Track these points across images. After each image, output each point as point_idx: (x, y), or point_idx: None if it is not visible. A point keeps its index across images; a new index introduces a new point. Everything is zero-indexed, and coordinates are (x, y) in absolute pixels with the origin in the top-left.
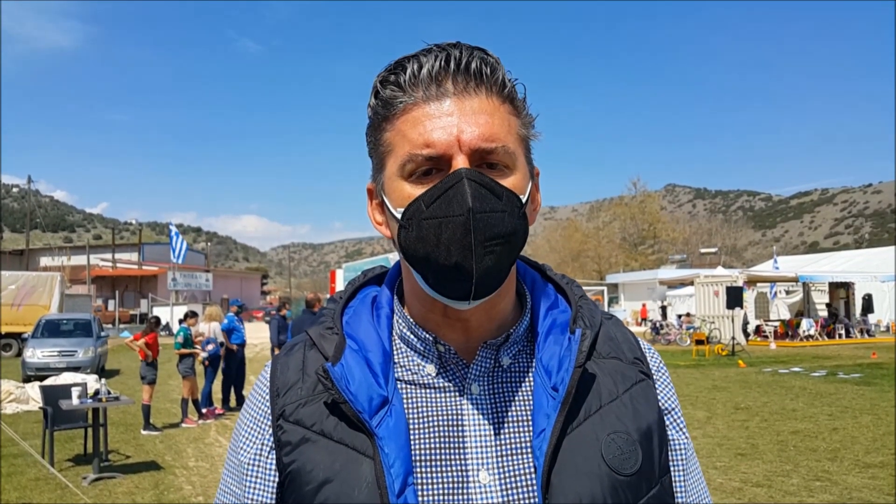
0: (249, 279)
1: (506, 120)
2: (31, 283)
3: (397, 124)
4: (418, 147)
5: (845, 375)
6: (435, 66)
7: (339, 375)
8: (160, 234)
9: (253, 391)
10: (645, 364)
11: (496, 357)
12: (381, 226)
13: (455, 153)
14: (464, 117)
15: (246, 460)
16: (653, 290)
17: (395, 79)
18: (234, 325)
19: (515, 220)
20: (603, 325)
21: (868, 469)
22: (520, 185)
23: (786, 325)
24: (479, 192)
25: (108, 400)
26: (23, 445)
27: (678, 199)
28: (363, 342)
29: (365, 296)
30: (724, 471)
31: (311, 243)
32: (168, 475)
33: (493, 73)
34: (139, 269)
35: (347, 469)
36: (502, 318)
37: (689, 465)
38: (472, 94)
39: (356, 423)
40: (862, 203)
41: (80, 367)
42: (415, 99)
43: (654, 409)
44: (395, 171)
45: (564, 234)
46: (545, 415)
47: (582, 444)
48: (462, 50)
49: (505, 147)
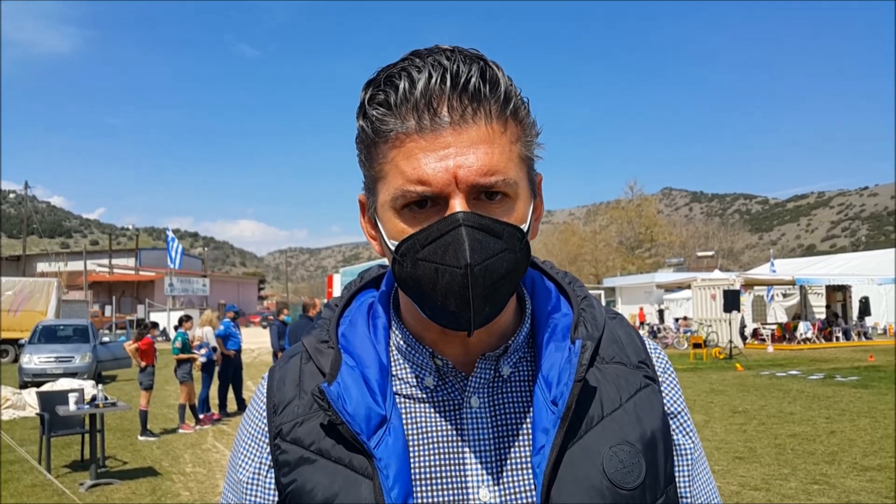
0: (246, 284)
1: (507, 147)
2: (28, 288)
3: (390, 154)
4: (412, 183)
5: (843, 378)
6: (429, 87)
7: (335, 395)
8: (157, 239)
9: (250, 406)
10: (650, 367)
11: (496, 367)
12: (374, 241)
13: (452, 192)
14: (461, 150)
15: (245, 478)
16: (650, 294)
17: (384, 98)
18: (230, 331)
19: (516, 255)
20: (607, 326)
21: (866, 472)
22: (521, 214)
23: (783, 328)
24: (476, 240)
25: (105, 406)
26: (20, 451)
27: (675, 202)
28: (360, 357)
29: (361, 303)
30: (722, 474)
31: (308, 248)
32: (165, 481)
33: (493, 90)
34: (136, 274)
35: (346, 490)
36: (502, 330)
37: (696, 468)
38: (469, 122)
39: (354, 444)
40: (858, 206)
41: (77, 372)
42: (407, 128)
43: (659, 416)
44: (387, 202)
45: (561, 237)
46: (544, 430)
47: (582, 458)
48: (459, 63)
49: (506, 179)
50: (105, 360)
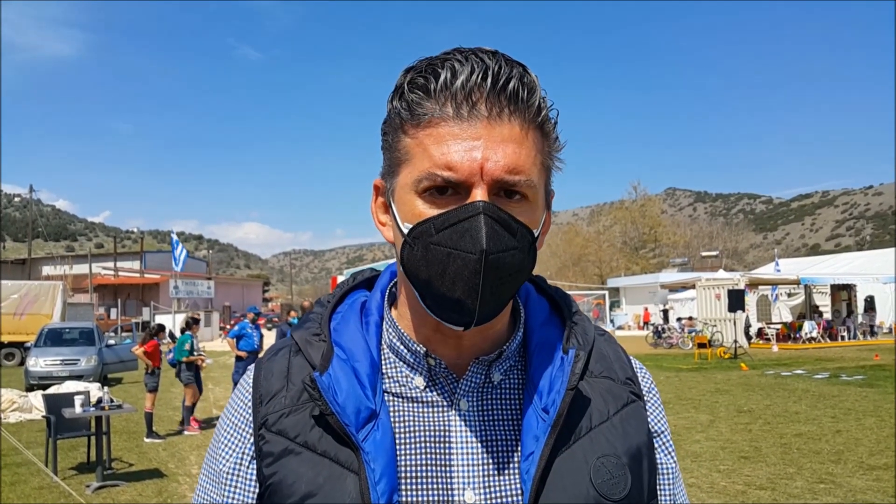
0: (251, 286)
1: (533, 150)
2: (34, 292)
3: (420, 135)
4: (439, 167)
5: (848, 377)
6: (470, 81)
7: (326, 385)
8: (162, 242)
9: (234, 396)
10: (636, 384)
11: (487, 373)
12: (383, 227)
13: (476, 182)
14: (491, 144)
15: (226, 469)
16: (654, 294)
17: (424, 83)
18: (244, 332)
19: (525, 255)
20: (595, 343)
21: (872, 471)
22: (535, 218)
23: (788, 327)
24: (494, 231)
25: (110, 408)
26: (26, 454)
27: (679, 202)
28: (351, 351)
29: (354, 301)
30: (728, 474)
31: (312, 250)
32: (171, 482)
33: (529, 97)
34: (141, 277)
35: (331, 484)
36: (495, 335)
37: (676, 489)
38: (504, 120)
39: (342, 436)
40: (863, 205)
41: (82, 375)
42: (443, 114)
43: (644, 431)
44: (409, 184)
45: (565, 238)
46: (534, 437)
47: (571, 468)
48: (501, 65)
49: (528, 181)
50: (110, 362)
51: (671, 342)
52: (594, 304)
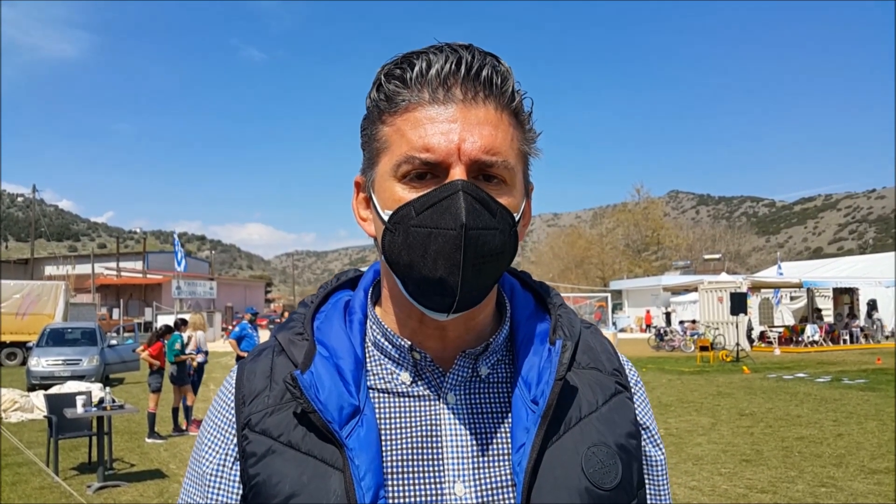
0: (253, 287)
1: (509, 134)
2: (36, 292)
3: (397, 122)
4: (417, 150)
5: (850, 381)
6: (444, 68)
7: (308, 383)
8: (165, 242)
9: (217, 398)
10: (623, 376)
11: (474, 367)
12: (364, 222)
13: (454, 162)
14: (467, 126)
15: (209, 470)
16: (656, 297)
17: (400, 74)
18: (245, 333)
19: (506, 238)
20: (582, 335)
21: (873, 475)
22: (515, 203)
23: (790, 330)
24: (473, 208)
25: (112, 408)
26: (27, 454)
27: (681, 205)
28: (334, 349)
29: (337, 300)
30: (729, 477)
31: (315, 251)
32: (173, 483)
33: (503, 84)
34: (143, 277)
35: (315, 482)
36: (481, 328)
37: (662, 480)
38: (479, 103)
39: (325, 434)
40: (866, 208)
41: (84, 375)
42: (419, 99)
43: (631, 421)
44: (389, 171)
45: (568, 240)
46: (524, 428)
47: (562, 458)
48: (474, 54)
49: (505, 162)
50: (112, 362)
51: (673, 345)
52: (597, 306)
